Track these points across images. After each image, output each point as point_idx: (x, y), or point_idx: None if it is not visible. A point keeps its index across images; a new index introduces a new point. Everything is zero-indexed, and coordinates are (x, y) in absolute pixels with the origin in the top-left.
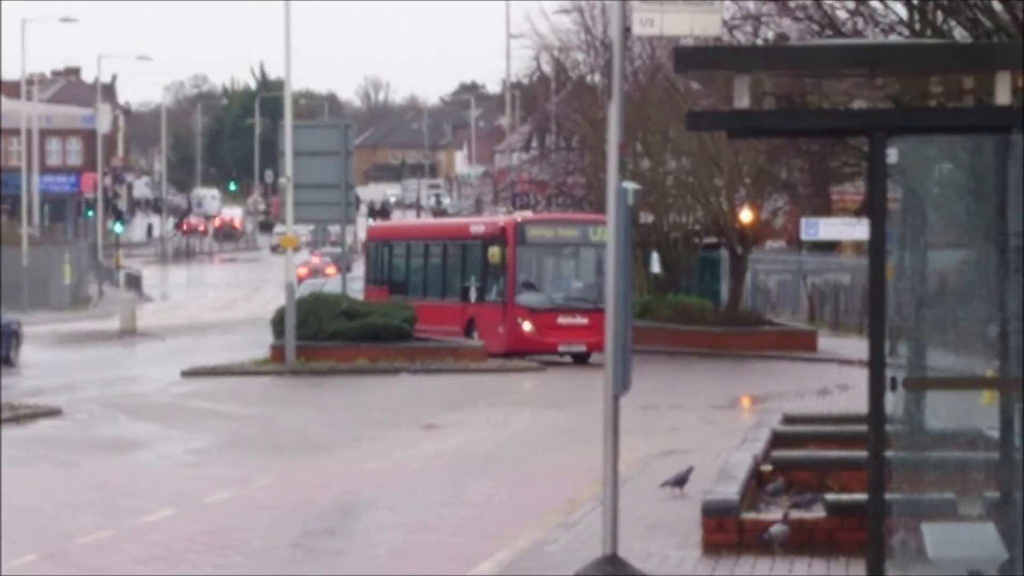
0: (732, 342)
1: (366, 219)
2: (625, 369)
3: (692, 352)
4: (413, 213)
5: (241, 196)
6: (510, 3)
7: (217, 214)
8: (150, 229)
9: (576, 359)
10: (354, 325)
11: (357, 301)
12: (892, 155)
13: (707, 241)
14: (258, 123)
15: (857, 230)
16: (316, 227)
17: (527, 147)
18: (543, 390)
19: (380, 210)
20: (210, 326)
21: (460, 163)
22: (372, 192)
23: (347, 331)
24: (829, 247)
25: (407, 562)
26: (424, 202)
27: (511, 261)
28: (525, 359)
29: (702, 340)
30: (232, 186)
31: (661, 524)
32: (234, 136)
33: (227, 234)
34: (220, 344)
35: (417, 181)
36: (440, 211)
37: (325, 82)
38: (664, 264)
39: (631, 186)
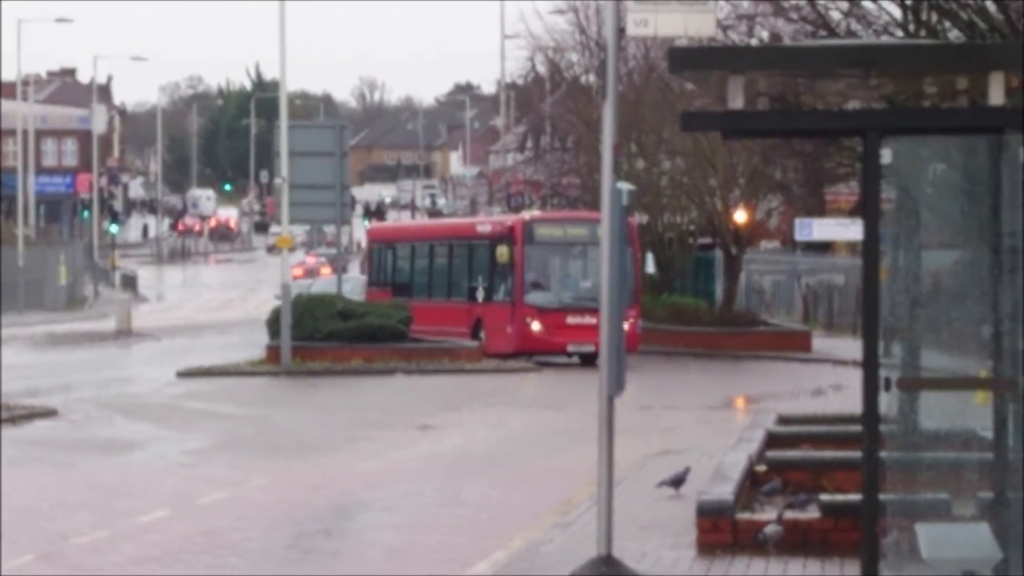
0: (727, 342)
1: (361, 220)
2: (620, 370)
3: (687, 352)
4: (408, 214)
5: (237, 197)
6: (505, 4)
7: (213, 215)
8: (146, 230)
9: (584, 359)
10: (350, 326)
11: (353, 302)
12: (886, 155)
13: (702, 241)
14: (253, 124)
15: (851, 231)
16: (311, 228)
17: (522, 148)
18: (540, 391)
19: (375, 211)
20: (206, 327)
21: (455, 164)
22: (367, 193)
23: (343, 332)
24: (823, 248)
25: (403, 563)
26: (419, 203)
27: (519, 260)
28: (530, 359)
29: (697, 340)
30: (227, 187)
31: (656, 524)
32: (230, 137)
33: (223, 235)
34: (216, 345)
35: (412, 182)
36: (435, 212)
37: (320, 83)
38: (659, 264)
39: (626, 187)
